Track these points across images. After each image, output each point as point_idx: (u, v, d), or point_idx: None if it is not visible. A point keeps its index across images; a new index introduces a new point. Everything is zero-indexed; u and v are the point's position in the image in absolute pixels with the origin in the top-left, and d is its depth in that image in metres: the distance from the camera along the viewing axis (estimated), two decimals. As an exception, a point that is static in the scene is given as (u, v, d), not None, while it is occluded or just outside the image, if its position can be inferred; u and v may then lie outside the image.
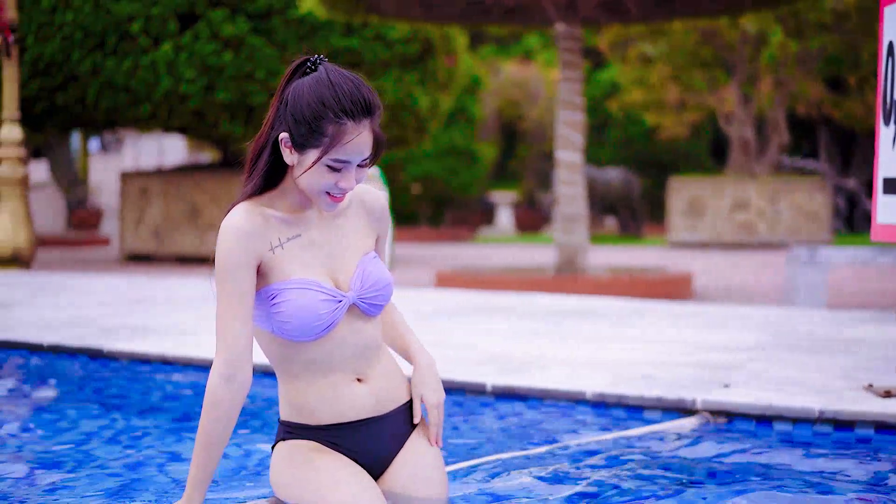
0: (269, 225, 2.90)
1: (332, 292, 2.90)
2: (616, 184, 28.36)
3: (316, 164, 2.83)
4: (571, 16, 12.48)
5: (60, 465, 3.79)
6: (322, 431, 2.98)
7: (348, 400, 2.97)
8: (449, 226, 31.91)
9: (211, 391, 2.83)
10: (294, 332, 2.88)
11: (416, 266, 17.02)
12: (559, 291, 11.60)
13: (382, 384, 3.03)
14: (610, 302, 8.86)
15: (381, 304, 2.99)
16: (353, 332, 2.95)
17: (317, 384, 2.95)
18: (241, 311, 2.85)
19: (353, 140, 2.81)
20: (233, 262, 2.84)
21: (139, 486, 3.51)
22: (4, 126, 12.54)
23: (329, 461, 2.95)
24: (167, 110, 16.85)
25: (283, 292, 2.87)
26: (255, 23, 16.87)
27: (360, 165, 2.87)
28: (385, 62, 17.71)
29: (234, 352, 2.84)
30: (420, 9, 13.13)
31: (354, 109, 2.81)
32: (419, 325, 7.29)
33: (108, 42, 16.64)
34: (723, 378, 5.11)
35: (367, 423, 3.00)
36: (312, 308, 2.86)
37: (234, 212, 2.89)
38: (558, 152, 12.76)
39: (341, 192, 2.86)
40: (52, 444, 4.16)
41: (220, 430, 2.85)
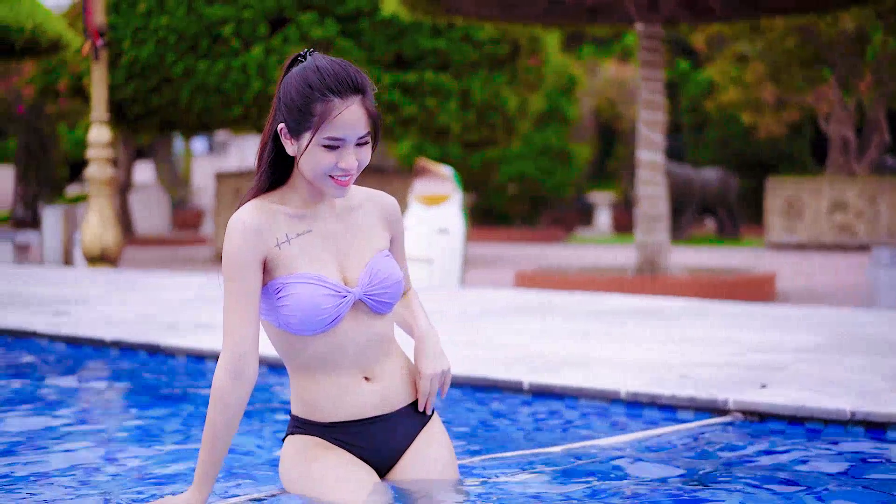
0: (276, 221, 2.95)
1: (337, 287, 2.93)
2: (714, 184, 28.02)
3: (311, 146, 2.87)
4: (653, 15, 12.41)
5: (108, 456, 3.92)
6: (328, 429, 3.02)
7: (354, 398, 3.01)
8: (544, 226, 31.83)
9: (217, 386, 2.91)
10: (298, 326, 2.93)
11: (502, 266, 17.04)
12: (637, 292, 11.55)
13: (390, 382, 3.06)
14: (676, 302, 8.80)
15: (389, 302, 3.02)
16: (359, 329, 2.99)
17: (324, 382, 3.00)
18: (247, 307, 2.91)
19: (342, 115, 2.85)
20: (239, 259, 2.91)
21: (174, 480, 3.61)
22: (93, 128, 12.87)
23: (333, 459, 2.99)
24: (257, 112, 17.11)
25: (288, 286, 2.92)
26: (343, 25, 17.06)
27: (358, 144, 2.90)
28: (473, 63, 17.77)
29: (241, 348, 2.90)
30: (500, 9, 13.15)
31: (340, 87, 2.85)
32: (470, 323, 7.35)
33: (201, 45, 16.96)
34: (766, 379, 5.07)
35: (373, 422, 3.04)
36: (315, 302, 2.90)
37: (241, 209, 2.95)
38: (639, 152, 12.70)
39: (343, 172, 2.89)
40: (86, 438, 4.30)
41: (226, 424, 2.91)
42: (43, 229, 15.00)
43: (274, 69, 16.75)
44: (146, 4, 17.24)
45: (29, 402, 5.02)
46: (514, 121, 18.83)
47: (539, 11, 13.19)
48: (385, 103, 17.16)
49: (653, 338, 6.60)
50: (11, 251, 15.03)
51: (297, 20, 16.91)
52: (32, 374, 5.88)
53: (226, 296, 2.93)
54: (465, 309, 8.28)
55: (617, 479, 3.62)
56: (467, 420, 4.72)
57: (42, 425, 4.49)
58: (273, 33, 17.06)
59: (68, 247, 14.75)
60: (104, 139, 12.82)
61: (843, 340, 6.50)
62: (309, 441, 3.04)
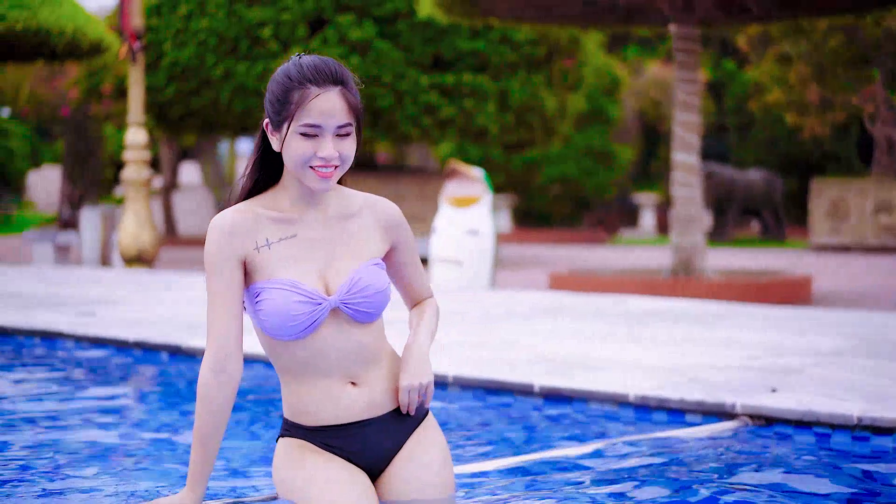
0: (258, 224, 2.96)
1: (311, 294, 2.92)
2: (758, 185, 27.82)
3: (289, 134, 2.88)
4: (687, 16, 12.35)
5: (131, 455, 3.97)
6: (316, 432, 3.03)
7: (340, 403, 3.01)
8: (587, 228, 31.73)
9: (202, 385, 2.92)
10: (273, 332, 2.94)
11: (539, 267, 17.02)
12: (671, 294, 11.50)
13: (377, 387, 3.05)
14: (703, 305, 8.76)
15: (369, 312, 2.99)
16: (341, 337, 2.98)
17: (309, 386, 3.00)
18: (227, 305, 2.93)
19: (317, 101, 2.86)
20: (217, 259, 2.93)
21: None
22: (130, 130, 12.98)
23: (319, 462, 3.00)
24: (297, 113, 17.18)
25: (264, 291, 2.93)
26: (381, 27, 17.10)
27: (339, 135, 2.90)
28: (512, 64, 17.75)
29: (223, 345, 2.92)
30: (536, 11, 13.14)
31: (318, 76, 2.87)
32: (490, 324, 7.35)
33: (241, 47, 17.07)
34: (780, 382, 5.04)
35: (359, 426, 3.03)
36: (287, 308, 2.90)
37: (224, 211, 2.98)
38: (674, 154, 12.64)
39: (323, 163, 2.88)
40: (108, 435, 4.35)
41: (213, 422, 2.93)
42: (81, 230, 15.15)
43: (313, 71, 16.81)
44: (187, 7, 17.38)
45: (43, 402, 5.09)
46: (553, 122, 18.78)
47: (575, 13, 13.16)
48: (423, 105, 17.19)
49: (673, 341, 6.58)
50: (52, 252, 15.21)
51: (336, 22, 16.98)
52: (53, 373, 5.95)
53: (208, 296, 2.95)
54: (489, 310, 8.29)
55: (617, 482, 3.61)
56: (472, 421, 4.73)
57: (54, 424, 4.55)
58: (312, 35, 17.14)
59: (106, 248, 14.90)
60: (141, 141, 12.94)
61: (866, 344, 6.44)
62: (297, 444, 3.05)
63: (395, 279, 3.22)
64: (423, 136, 17.87)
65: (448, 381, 5.29)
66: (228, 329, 2.93)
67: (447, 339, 6.59)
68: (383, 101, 16.98)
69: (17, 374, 5.92)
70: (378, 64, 16.93)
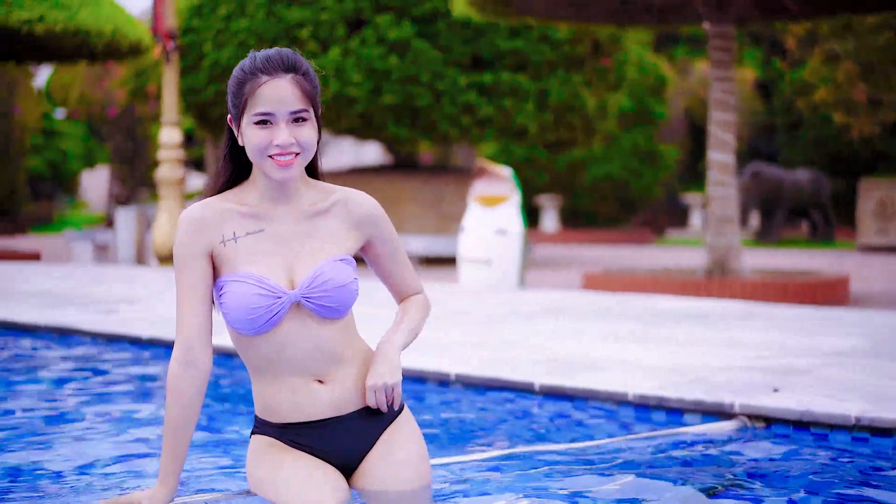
0: (224, 218, 2.98)
1: (271, 288, 2.92)
2: (805, 185, 27.52)
3: (245, 126, 2.90)
4: (723, 14, 12.24)
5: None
6: (283, 429, 3.04)
7: (306, 400, 3.01)
8: (634, 227, 31.56)
9: (171, 378, 2.94)
10: (235, 325, 2.95)
11: (579, 267, 16.95)
12: (704, 295, 11.41)
13: (345, 385, 3.04)
14: (729, 305, 8.68)
15: (332, 307, 2.98)
16: (304, 333, 2.98)
17: (276, 383, 3.01)
18: (194, 299, 2.95)
19: (267, 89, 2.88)
20: (184, 253, 2.96)
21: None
22: (164, 130, 13.07)
23: (287, 460, 3.01)
24: (335, 113, 17.24)
25: (227, 284, 2.95)
26: (420, 27, 17.10)
27: (295, 121, 2.90)
28: (551, 63, 17.69)
29: (190, 338, 2.94)
30: (571, 9, 13.08)
31: (268, 66, 2.90)
32: (502, 323, 7.33)
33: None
34: (787, 383, 4.98)
35: (326, 423, 3.03)
36: (246, 301, 2.91)
37: (192, 206, 3.00)
38: (710, 153, 12.54)
39: (280, 149, 2.89)
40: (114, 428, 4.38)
41: (184, 415, 2.95)
42: (116, 230, 15.28)
43: (351, 71, 16.87)
44: (227, 8, 17.48)
45: (53, 397, 5.13)
46: (594, 121, 18.69)
47: (610, 11, 13.09)
48: (462, 105, 17.17)
49: (685, 341, 6.53)
50: (91, 251, 15.36)
51: (374, 22, 17.01)
52: (73, 369, 6.00)
53: (177, 289, 2.97)
54: (506, 309, 8.26)
55: (609, 481, 3.58)
56: (472, 420, 4.72)
57: (60, 418, 4.59)
58: (350, 35, 17.17)
59: (141, 247, 15.01)
60: (175, 141, 13.03)
61: (883, 344, 6.35)
62: (267, 441, 3.06)
63: (378, 274, 3.21)
64: (461, 136, 17.85)
65: (450, 380, 5.28)
66: (197, 322, 2.94)
67: (449, 338, 6.59)
68: (422, 100, 16.98)
69: (34, 370, 5.98)
70: (416, 64, 16.94)
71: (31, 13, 13.98)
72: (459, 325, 7.24)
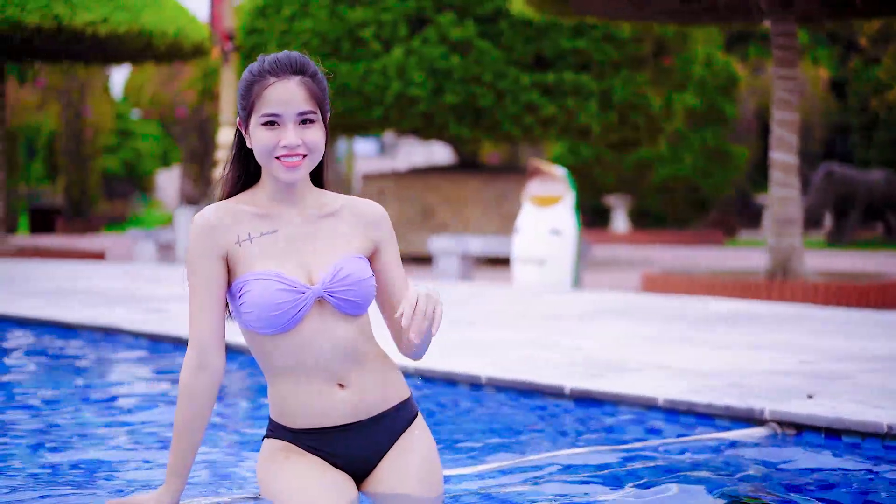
0: (238, 220, 2.97)
1: (294, 283, 2.91)
2: (879, 186, 27.03)
3: (253, 127, 2.90)
4: (786, 12, 12.04)
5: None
6: (300, 434, 3.02)
7: (326, 406, 2.99)
8: (704, 228, 31.20)
9: (183, 381, 2.93)
10: (257, 324, 2.92)
11: (639, 268, 16.77)
12: (763, 297, 11.24)
13: (364, 389, 3.02)
14: (781, 308, 8.54)
15: (354, 301, 2.97)
16: (326, 331, 2.95)
17: (295, 387, 2.98)
18: (207, 302, 2.93)
19: (275, 90, 2.88)
20: (198, 255, 2.94)
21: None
22: (222, 129, 13.16)
23: (301, 466, 2.98)
24: (398, 113, 17.25)
25: (247, 283, 2.92)
26: (482, 26, 17.06)
27: (302, 123, 2.90)
28: (615, 62, 17.55)
29: (203, 342, 2.92)
30: (630, 8, 12.95)
31: (277, 68, 2.91)
32: (546, 324, 7.27)
33: (343, 48, 17.20)
34: (824, 388, 4.86)
35: (345, 429, 3.01)
36: (270, 297, 2.89)
37: (205, 208, 2.99)
38: (773, 153, 12.32)
39: (287, 150, 2.89)
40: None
41: (194, 419, 2.93)
42: (175, 229, 15.41)
43: (413, 70, 16.87)
44: (290, 9, 17.56)
45: (85, 395, 5.16)
46: (659, 121, 18.50)
47: (671, 10, 12.94)
48: (524, 104, 17.09)
49: (731, 344, 6.42)
50: (154, 250, 15.51)
51: (437, 21, 16.99)
52: (109, 368, 6.05)
53: (189, 292, 2.96)
54: (565, 310, 8.19)
55: (631, 486, 3.52)
56: (499, 422, 4.68)
57: (85, 419, 4.62)
58: (412, 35, 17.17)
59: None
60: (231, 140, 13.07)
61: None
62: (281, 446, 3.03)
63: (381, 281, 3.11)
64: (524, 135, 17.77)
65: (481, 382, 5.23)
66: (210, 324, 2.93)
67: (488, 337, 6.55)
68: (484, 100, 16.93)
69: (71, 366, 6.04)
70: (478, 63, 16.90)
71: (95, 15, 14.15)
72: (502, 326, 7.19)
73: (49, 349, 6.77)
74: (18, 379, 5.73)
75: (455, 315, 7.71)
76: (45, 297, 8.76)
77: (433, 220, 18.59)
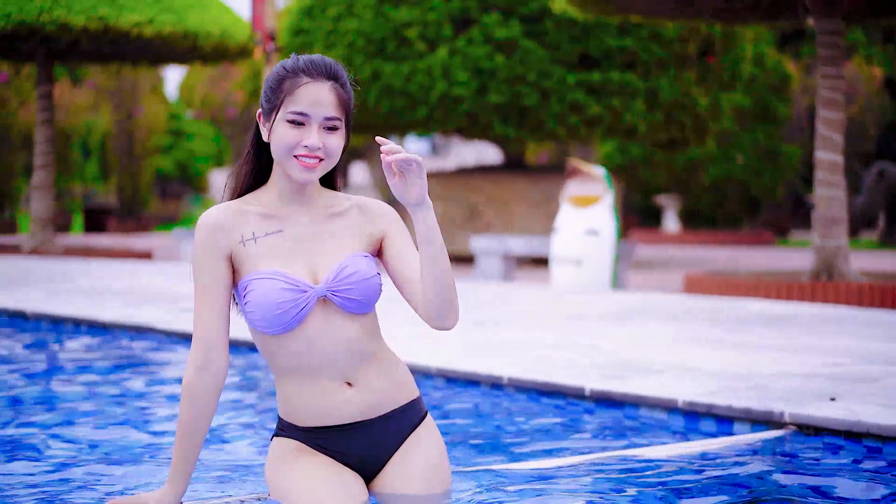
0: (244, 219, 2.98)
1: (297, 283, 2.92)
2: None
3: (277, 120, 2.90)
4: (831, 11, 11.89)
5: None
6: (309, 433, 3.03)
7: (334, 404, 2.99)
8: (756, 229, 30.90)
9: (186, 381, 2.95)
10: (261, 323, 2.93)
11: (686, 268, 16.64)
12: (806, 299, 11.10)
13: (373, 387, 3.03)
14: (817, 309, 8.44)
15: (357, 300, 2.97)
16: (331, 330, 2.96)
17: (304, 387, 2.99)
18: (211, 301, 2.95)
19: (307, 88, 2.89)
20: (202, 255, 2.96)
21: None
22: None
23: (311, 465, 2.99)
24: (442, 113, 17.24)
25: (251, 283, 2.94)
26: (527, 25, 17.01)
27: (327, 129, 2.91)
28: (661, 61, 17.42)
29: (207, 341, 2.94)
30: (674, 6, 12.84)
31: (310, 68, 2.93)
32: (576, 324, 7.23)
33: (388, 48, 17.22)
34: (848, 391, 4.79)
35: (354, 427, 3.02)
36: (273, 297, 2.90)
37: (211, 208, 3.01)
38: (818, 152, 12.18)
39: (307, 151, 2.90)
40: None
41: (198, 419, 2.95)
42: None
43: (458, 70, 16.85)
44: (336, 9, 17.61)
45: (111, 393, 5.20)
46: (706, 121, 18.34)
47: (715, 9, 12.82)
48: (569, 103, 17.02)
49: (762, 345, 6.35)
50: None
51: (482, 21, 16.97)
52: (135, 365, 6.09)
53: (194, 292, 2.97)
54: (597, 310, 8.15)
55: (643, 491, 3.48)
56: (517, 423, 4.66)
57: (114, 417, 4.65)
58: (457, 35, 17.16)
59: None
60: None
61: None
62: (291, 444, 3.05)
63: (397, 267, 3.07)
64: (569, 135, 17.69)
65: (503, 382, 5.21)
66: (214, 324, 2.94)
67: (515, 337, 6.52)
68: (529, 99, 16.87)
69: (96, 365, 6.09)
70: (523, 63, 16.84)
71: (140, 16, 14.27)
72: (532, 326, 7.16)
73: (80, 346, 6.83)
74: (40, 373, 5.79)
75: (483, 315, 7.70)
76: (82, 295, 8.84)
77: (478, 221, 18.56)
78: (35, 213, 16.05)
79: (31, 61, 16.81)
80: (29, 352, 6.64)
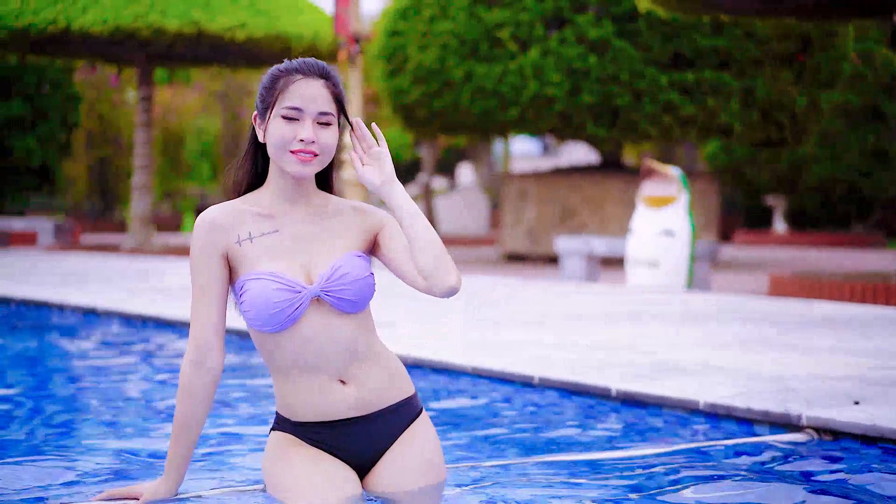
0: (241, 219, 3.06)
1: (290, 283, 2.99)
2: None
3: (272, 118, 2.99)
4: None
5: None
6: (304, 428, 3.10)
7: (328, 402, 3.06)
8: (864, 230, 30.23)
9: (183, 376, 3.05)
10: (256, 322, 3.01)
11: (775, 271, 16.38)
12: (892, 303, 10.87)
13: (367, 384, 3.09)
14: (884, 312, 8.26)
15: (351, 300, 3.04)
16: (326, 329, 3.03)
17: (299, 383, 3.07)
18: (208, 299, 3.04)
19: (301, 86, 2.97)
20: (199, 254, 3.05)
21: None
22: (347, 131, 13.32)
23: (306, 459, 3.07)
24: (534, 114, 17.23)
25: (246, 283, 3.02)
26: (619, 25, 16.91)
27: (320, 123, 2.98)
28: (757, 60, 17.17)
29: (202, 338, 3.03)
30: (761, 4, 12.68)
31: (304, 67, 3.00)
32: (625, 325, 7.20)
33: (480, 49, 17.27)
34: (879, 395, 4.72)
35: (348, 423, 3.09)
36: (267, 297, 2.98)
37: (208, 208, 3.10)
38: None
39: (302, 146, 2.97)
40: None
41: (193, 414, 3.05)
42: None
43: (550, 71, 16.83)
44: (430, 11, 17.72)
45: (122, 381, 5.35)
46: (804, 121, 18.02)
47: (804, 6, 12.63)
48: (662, 103, 16.88)
49: (807, 348, 6.26)
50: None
51: (574, 21, 16.92)
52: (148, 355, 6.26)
53: (192, 290, 3.07)
54: (656, 311, 8.11)
55: (661, 493, 3.50)
56: (543, 422, 4.69)
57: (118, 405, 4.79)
58: (549, 35, 17.13)
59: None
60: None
61: None
62: (287, 438, 3.12)
63: (396, 259, 3.12)
64: (662, 136, 17.54)
65: (534, 382, 5.23)
66: (210, 322, 3.03)
67: (562, 340, 6.53)
68: (621, 100, 16.78)
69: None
70: (615, 63, 16.75)
71: (233, 20, 14.53)
72: (586, 327, 7.15)
73: (150, 343, 7.03)
74: (95, 367, 5.97)
75: (527, 316, 7.72)
76: (159, 293, 9.05)
77: (573, 221, 18.50)
78: (135, 213, 16.43)
79: (132, 65, 17.23)
80: (107, 349, 6.87)
